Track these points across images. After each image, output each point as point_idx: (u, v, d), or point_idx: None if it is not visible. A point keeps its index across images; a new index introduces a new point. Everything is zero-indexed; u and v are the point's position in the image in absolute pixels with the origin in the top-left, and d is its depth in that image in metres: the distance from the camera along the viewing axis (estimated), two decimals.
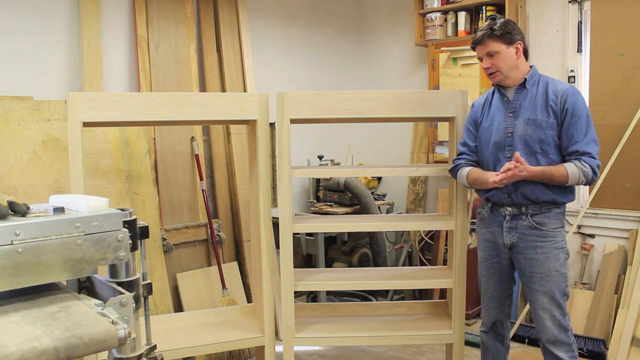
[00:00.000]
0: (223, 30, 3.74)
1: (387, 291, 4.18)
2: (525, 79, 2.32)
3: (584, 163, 2.20)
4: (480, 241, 2.50)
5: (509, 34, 2.28)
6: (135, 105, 2.30)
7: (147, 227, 1.31)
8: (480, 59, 2.37)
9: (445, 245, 3.95)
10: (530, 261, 2.29)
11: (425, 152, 4.47)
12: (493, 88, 2.44)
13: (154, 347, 1.31)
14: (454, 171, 2.50)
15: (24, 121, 2.66)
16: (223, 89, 3.72)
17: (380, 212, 4.27)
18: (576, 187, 2.38)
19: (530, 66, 2.38)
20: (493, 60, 2.31)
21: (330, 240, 4.33)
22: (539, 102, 2.28)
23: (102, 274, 1.26)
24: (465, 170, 2.42)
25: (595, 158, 2.22)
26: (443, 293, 3.61)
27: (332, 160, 4.31)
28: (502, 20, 2.32)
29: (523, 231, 2.30)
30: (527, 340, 3.44)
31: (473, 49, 2.39)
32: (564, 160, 2.26)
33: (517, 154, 2.18)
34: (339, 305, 2.90)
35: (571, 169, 2.21)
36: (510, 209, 2.32)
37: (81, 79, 3.12)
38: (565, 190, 2.29)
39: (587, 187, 3.58)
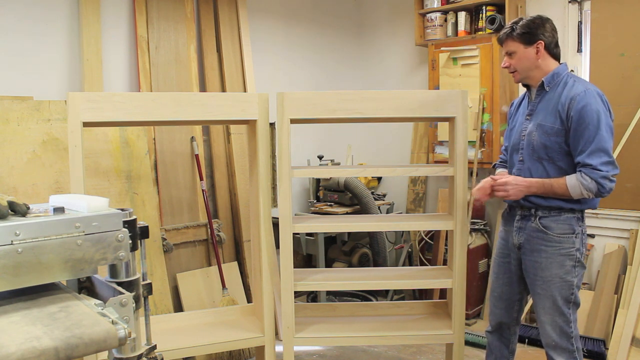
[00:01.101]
0: (223, 30, 3.74)
1: (387, 291, 4.18)
2: (543, 81, 2.25)
3: (584, 176, 2.11)
4: (497, 239, 2.53)
5: (529, 33, 2.23)
6: (135, 105, 2.30)
7: (147, 227, 1.31)
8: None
9: (445, 245, 3.95)
10: (534, 264, 2.27)
11: (425, 152, 4.47)
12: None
13: (154, 347, 1.32)
14: (493, 170, 2.56)
15: (24, 121, 2.66)
16: (223, 89, 3.72)
17: (380, 212, 4.27)
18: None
19: (561, 64, 2.28)
20: (512, 60, 2.29)
21: (330, 240, 4.33)
22: (551, 106, 2.22)
23: (102, 274, 1.26)
24: (497, 171, 2.53)
25: (599, 170, 2.09)
26: (443, 293, 3.61)
27: (332, 160, 4.31)
28: (528, 18, 2.27)
29: (530, 233, 2.28)
30: (527, 340, 3.44)
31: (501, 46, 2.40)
32: (574, 167, 2.18)
33: (496, 176, 2.29)
34: (339, 305, 2.90)
35: (571, 182, 2.14)
36: (520, 210, 2.33)
37: (81, 79, 3.12)
38: None
39: None
